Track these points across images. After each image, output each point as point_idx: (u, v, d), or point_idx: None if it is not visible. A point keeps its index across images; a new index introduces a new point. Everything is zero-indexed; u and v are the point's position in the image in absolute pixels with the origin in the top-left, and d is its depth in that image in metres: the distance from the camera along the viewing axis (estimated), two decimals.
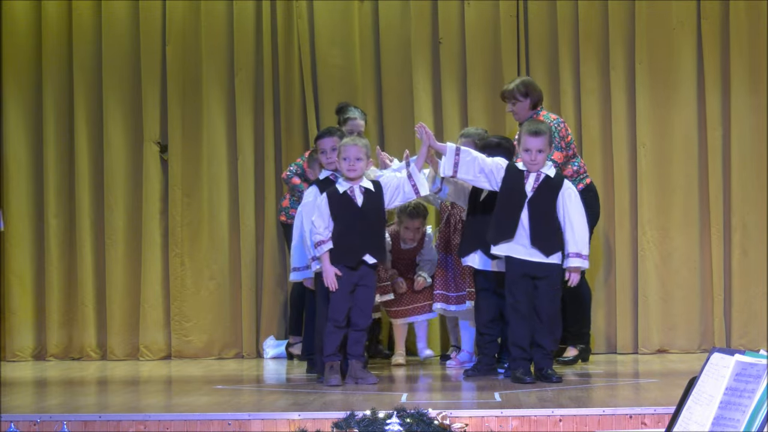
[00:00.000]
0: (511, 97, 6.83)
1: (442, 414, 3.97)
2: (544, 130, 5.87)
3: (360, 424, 3.86)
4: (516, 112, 6.85)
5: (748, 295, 7.68)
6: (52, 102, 8.16)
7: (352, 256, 5.75)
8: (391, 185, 5.76)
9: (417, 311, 6.90)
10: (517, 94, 6.79)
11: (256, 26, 8.14)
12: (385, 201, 5.80)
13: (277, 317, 8.02)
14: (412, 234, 6.88)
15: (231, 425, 4.34)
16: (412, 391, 5.33)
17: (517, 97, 6.79)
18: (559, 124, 6.72)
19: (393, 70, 8.07)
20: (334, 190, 5.80)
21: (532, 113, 6.76)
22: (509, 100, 6.86)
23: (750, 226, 7.71)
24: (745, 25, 7.76)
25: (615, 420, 4.34)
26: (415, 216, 6.81)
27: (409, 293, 6.90)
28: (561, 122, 6.79)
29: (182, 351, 8.00)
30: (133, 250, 8.08)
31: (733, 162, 7.73)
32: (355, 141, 5.83)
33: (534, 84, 6.93)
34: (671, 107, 7.79)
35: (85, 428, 4.35)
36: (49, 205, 8.12)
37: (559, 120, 6.81)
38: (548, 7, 7.93)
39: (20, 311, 8.10)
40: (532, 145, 5.79)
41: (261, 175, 8.07)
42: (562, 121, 6.86)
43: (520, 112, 6.81)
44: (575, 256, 5.80)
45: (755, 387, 2.89)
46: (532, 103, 6.80)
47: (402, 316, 6.91)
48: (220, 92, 8.12)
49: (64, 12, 8.18)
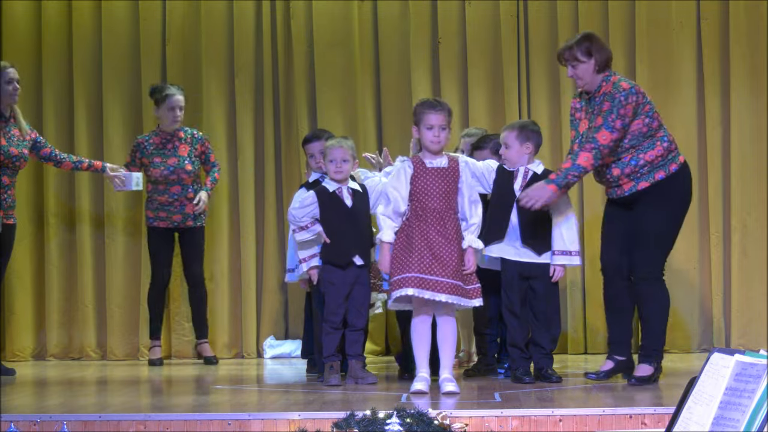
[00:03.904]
0: (571, 57, 5.61)
1: (442, 414, 3.96)
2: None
3: (360, 424, 3.86)
4: (579, 77, 5.63)
5: (748, 296, 7.69)
6: (52, 102, 8.16)
7: (341, 257, 5.75)
8: (376, 190, 5.73)
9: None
10: (578, 53, 5.59)
11: (256, 26, 8.14)
12: (371, 204, 5.77)
13: (277, 317, 8.03)
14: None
15: (231, 425, 4.34)
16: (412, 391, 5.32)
17: (578, 57, 5.59)
18: (628, 96, 5.45)
19: (392, 70, 8.08)
20: (323, 189, 5.79)
21: (600, 78, 5.60)
22: (569, 62, 5.63)
23: (750, 227, 7.71)
24: (745, 25, 7.77)
25: (615, 420, 4.34)
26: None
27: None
28: (633, 92, 5.48)
29: (182, 351, 8.00)
30: (133, 250, 8.08)
31: (732, 162, 7.74)
32: (340, 143, 5.81)
33: (599, 40, 5.70)
34: (671, 107, 7.79)
35: (85, 428, 4.35)
36: (49, 205, 8.12)
37: (632, 89, 5.49)
38: (548, 7, 7.94)
39: (20, 311, 8.10)
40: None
41: (261, 175, 8.08)
42: (635, 90, 5.52)
43: (584, 77, 5.61)
44: (560, 254, 5.78)
45: (755, 387, 2.89)
46: (598, 65, 5.59)
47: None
48: (220, 92, 8.12)
49: (64, 12, 8.18)
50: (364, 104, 8.04)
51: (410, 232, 5.30)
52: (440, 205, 5.31)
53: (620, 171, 5.53)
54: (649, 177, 5.50)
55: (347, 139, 5.94)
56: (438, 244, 5.24)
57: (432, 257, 5.22)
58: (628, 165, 5.51)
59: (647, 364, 5.53)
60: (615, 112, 5.43)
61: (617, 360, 5.69)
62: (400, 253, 5.28)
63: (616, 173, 5.54)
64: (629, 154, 5.50)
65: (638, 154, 5.50)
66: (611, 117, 5.43)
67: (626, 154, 5.51)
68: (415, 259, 5.22)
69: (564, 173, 5.48)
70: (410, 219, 5.32)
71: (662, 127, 5.58)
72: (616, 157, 5.53)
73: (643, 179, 5.51)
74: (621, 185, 5.55)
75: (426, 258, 5.22)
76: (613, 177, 5.55)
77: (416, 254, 5.23)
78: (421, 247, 5.24)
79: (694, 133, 7.79)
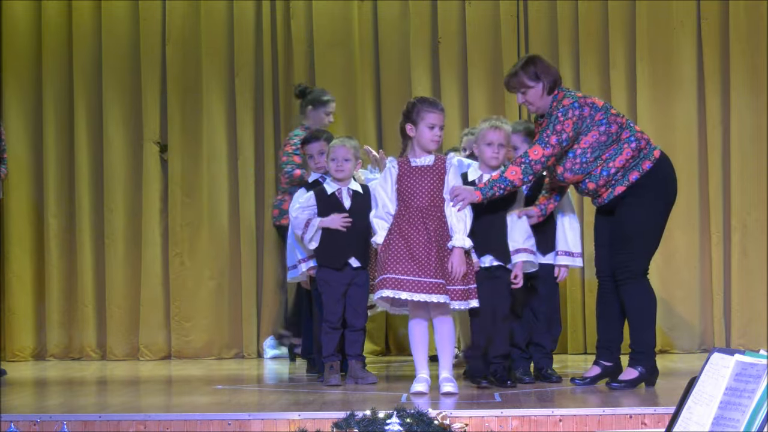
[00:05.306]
0: (518, 84, 5.50)
1: (442, 414, 3.96)
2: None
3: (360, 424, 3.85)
4: (530, 102, 5.52)
5: (748, 296, 7.69)
6: (52, 102, 8.16)
7: (337, 259, 5.74)
8: (376, 192, 5.70)
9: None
10: (525, 78, 5.48)
11: (256, 26, 8.14)
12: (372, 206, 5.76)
13: (277, 317, 8.02)
14: None
15: (231, 425, 4.34)
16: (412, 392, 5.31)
17: (525, 82, 5.48)
18: (567, 111, 5.34)
19: (392, 70, 8.08)
20: (322, 190, 5.80)
21: (550, 99, 5.48)
22: (517, 90, 5.53)
23: (750, 227, 7.71)
24: (745, 25, 7.77)
25: (615, 420, 4.34)
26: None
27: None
28: (575, 106, 5.36)
29: (182, 351, 8.00)
30: (132, 250, 8.09)
31: (732, 162, 7.74)
32: (343, 142, 5.82)
33: (544, 61, 5.55)
34: (671, 107, 7.80)
35: (85, 428, 4.35)
36: (49, 205, 8.12)
37: (573, 103, 5.37)
38: (548, 7, 7.94)
39: (20, 311, 8.10)
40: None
41: (261, 175, 8.08)
42: (578, 104, 5.38)
43: (534, 101, 5.50)
44: (564, 255, 5.79)
45: (755, 387, 2.89)
46: (546, 88, 5.47)
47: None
48: (220, 92, 8.12)
49: (64, 12, 8.18)
50: (364, 104, 8.04)
51: (392, 232, 5.28)
52: (425, 203, 5.27)
53: (595, 184, 5.42)
54: (623, 181, 5.39)
55: (351, 138, 5.94)
56: (416, 243, 5.19)
57: (409, 257, 5.15)
58: (600, 177, 5.39)
59: (632, 368, 5.43)
60: (551, 128, 5.32)
61: (604, 365, 5.61)
62: (382, 254, 5.27)
63: (591, 187, 5.44)
64: (598, 165, 5.39)
65: (607, 163, 5.38)
66: (546, 132, 5.32)
67: (595, 167, 5.39)
68: (392, 260, 5.18)
69: (491, 184, 5.31)
70: (395, 219, 5.31)
71: (626, 128, 5.41)
72: (584, 173, 5.40)
73: (619, 184, 5.40)
74: (600, 195, 5.45)
75: (403, 258, 5.16)
76: (590, 190, 5.47)
77: (393, 255, 5.19)
78: (399, 247, 5.19)
79: (694, 133, 7.79)
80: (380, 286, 5.18)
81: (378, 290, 5.18)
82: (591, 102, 5.41)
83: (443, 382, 5.22)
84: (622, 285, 5.45)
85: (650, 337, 5.51)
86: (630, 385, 5.36)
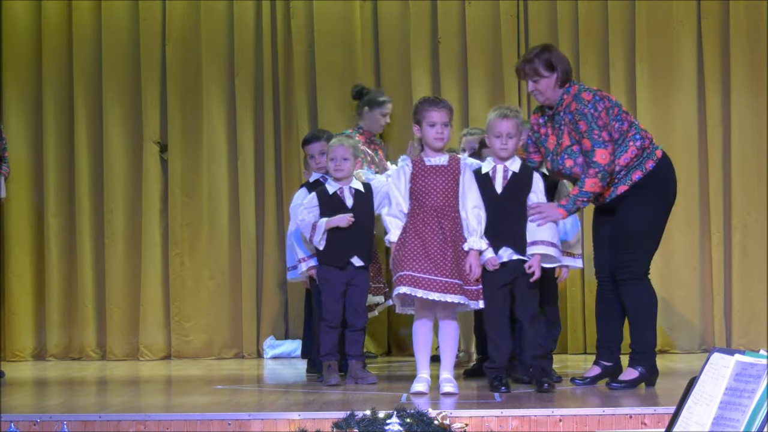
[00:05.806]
0: (532, 72, 5.42)
1: (442, 414, 3.96)
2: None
3: (360, 424, 3.86)
4: (540, 92, 5.47)
5: (748, 296, 7.68)
6: (52, 102, 8.16)
7: (339, 258, 5.74)
8: (382, 191, 5.71)
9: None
10: (540, 67, 5.40)
11: (256, 26, 8.14)
12: (375, 205, 5.78)
13: (277, 317, 8.02)
14: None
15: (231, 425, 4.34)
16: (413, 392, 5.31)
17: (540, 71, 5.42)
18: (596, 105, 5.33)
19: (393, 70, 8.08)
20: (323, 190, 5.80)
21: (561, 92, 5.44)
22: (530, 77, 5.44)
23: (750, 227, 7.71)
24: (745, 25, 7.77)
25: (615, 420, 4.34)
26: None
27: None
28: (598, 98, 5.36)
29: (182, 351, 8.00)
30: (132, 250, 8.09)
31: (733, 162, 7.74)
32: (342, 141, 5.82)
33: (558, 51, 5.54)
34: (671, 107, 7.80)
35: (85, 428, 4.35)
36: (49, 205, 8.12)
37: (595, 96, 5.37)
38: (548, 7, 7.94)
39: (20, 311, 8.10)
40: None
41: (261, 175, 8.08)
42: (599, 97, 5.39)
43: (545, 92, 5.45)
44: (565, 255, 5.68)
45: (755, 387, 2.89)
46: (560, 79, 5.43)
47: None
48: (220, 92, 8.12)
49: (64, 12, 8.18)
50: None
51: (406, 230, 5.29)
52: (439, 202, 5.28)
53: None
54: (626, 180, 5.38)
55: (349, 137, 5.93)
56: (432, 242, 5.20)
57: (425, 256, 5.18)
58: None
59: (632, 368, 5.43)
60: (595, 127, 5.29)
61: (604, 365, 5.61)
62: (396, 252, 5.28)
63: None
64: None
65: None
66: (595, 134, 5.28)
67: None
68: (408, 258, 5.19)
69: (573, 199, 5.34)
70: (409, 217, 5.31)
71: (633, 125, 5.41)
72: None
73: (621, 183, 5.39)
74: (602, 193, 5.46)
75: (419, 256, 5.19)
76: None
77: (409, 253, 5.20)
78: (415, 246, 5.21)
79: (694, 133, 7.79)
80: (397, 283, 5.18)
81: (396, 287, 5.19)
82: (608, 96, 5.43)
83: (443, 382, 5.22)
84: (623, 285, 5.44)
85: (651, 337, 5.51)
86: (630, 385, 5.36)
